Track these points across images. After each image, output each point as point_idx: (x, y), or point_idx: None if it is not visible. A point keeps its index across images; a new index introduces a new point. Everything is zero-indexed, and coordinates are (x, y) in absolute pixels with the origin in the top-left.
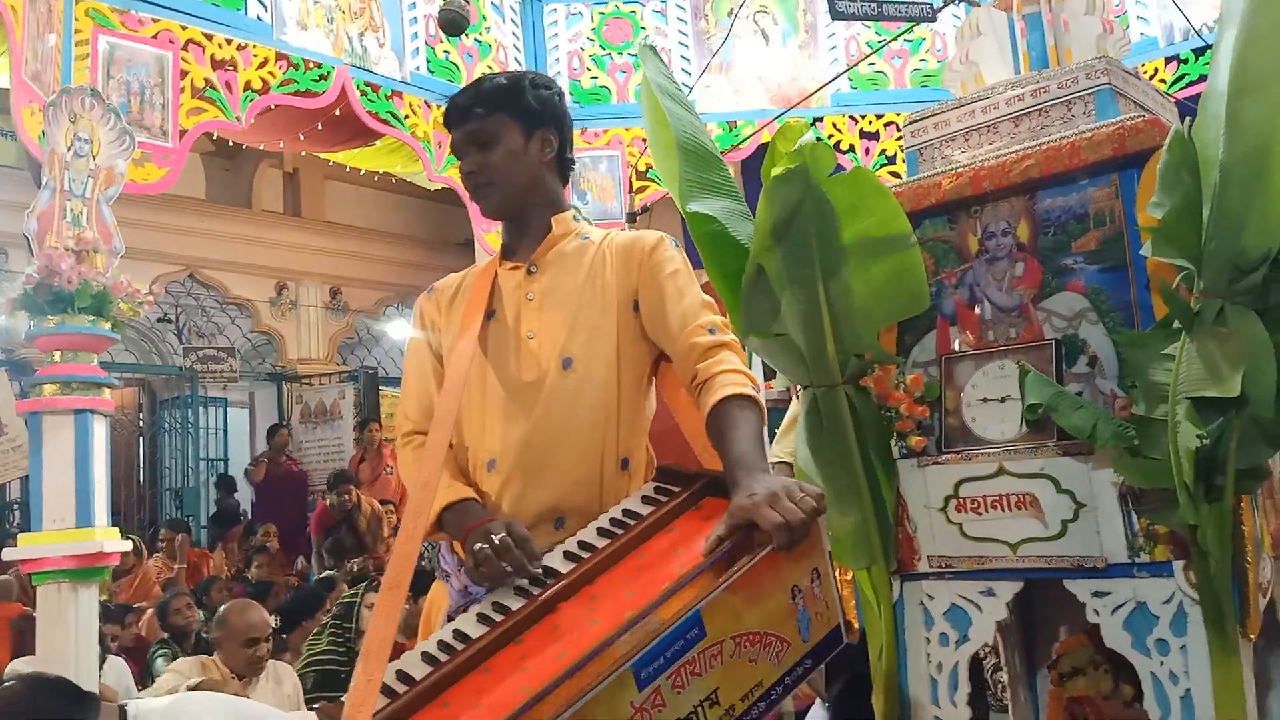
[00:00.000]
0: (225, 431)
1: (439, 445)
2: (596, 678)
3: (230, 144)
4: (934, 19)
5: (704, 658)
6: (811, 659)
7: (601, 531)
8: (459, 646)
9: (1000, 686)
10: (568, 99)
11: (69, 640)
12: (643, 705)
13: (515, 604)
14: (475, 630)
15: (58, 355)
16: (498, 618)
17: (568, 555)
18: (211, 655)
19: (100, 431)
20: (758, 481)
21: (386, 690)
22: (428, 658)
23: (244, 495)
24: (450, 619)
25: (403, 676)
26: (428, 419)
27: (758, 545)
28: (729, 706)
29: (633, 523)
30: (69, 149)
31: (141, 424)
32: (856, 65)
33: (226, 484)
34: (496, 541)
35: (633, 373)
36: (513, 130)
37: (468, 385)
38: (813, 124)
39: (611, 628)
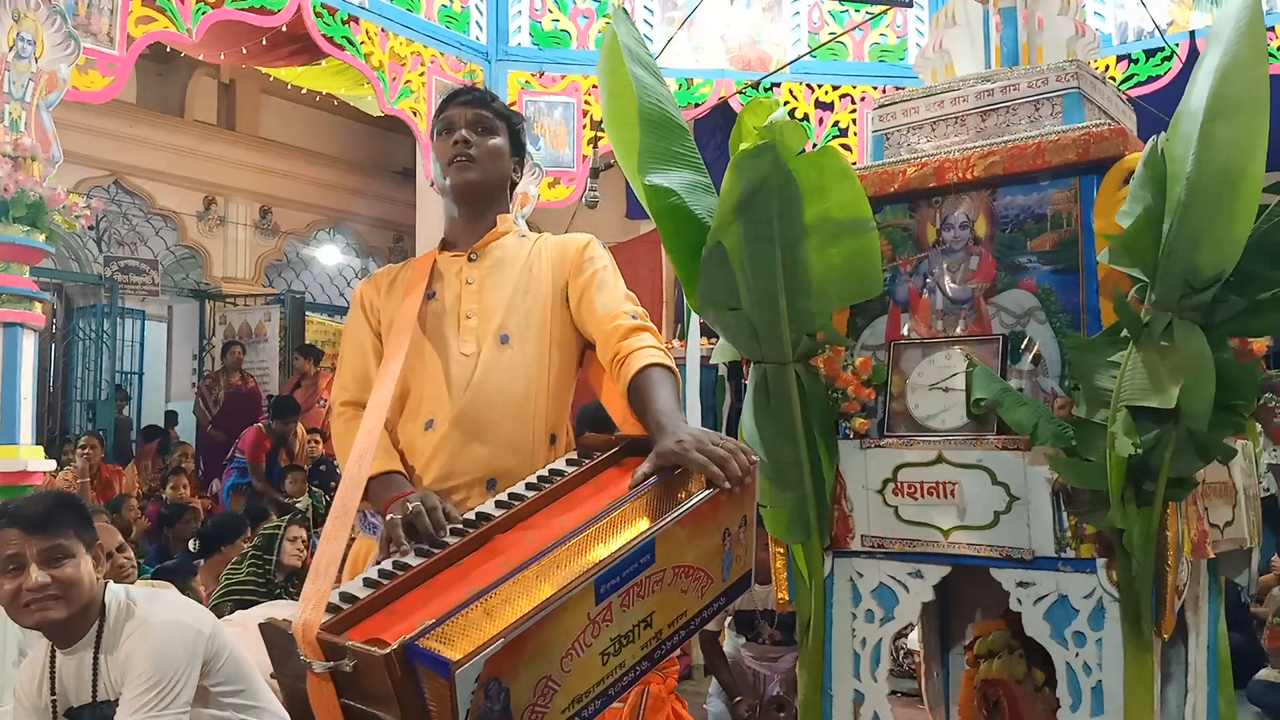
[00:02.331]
0: (141, 345)
1: (380, 404)
2: (564, 585)
3: (166, 49)
4: (910, 4)
5: (649, 582)
6: (725, 597)
7: (530, 486)
8: (399, 574)
9: (901, 651)
10: (526, 39)
11: None
12: (596, 618)
13: (452, 541)
14: (415, 562)
15: None
16: (435, 551)
17: (499, 504)
18: None
19: (29, 347)
20: (681, 430)
21: (332, 608)
22: (370, 582)
23: (183, 412)
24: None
25: (346, 597)
26: (363, 390)
27: (706, 488)
28: (658, 630)
29: (559, 479)
30: (10, 49)
31: (55, 331)
32: (831, 42)
33: (122, 396)
34: (410, 509)
35: (562, 356)
36: (506, 138)
37: (408, 357)
38: (769, 90)
39: (549, 541)
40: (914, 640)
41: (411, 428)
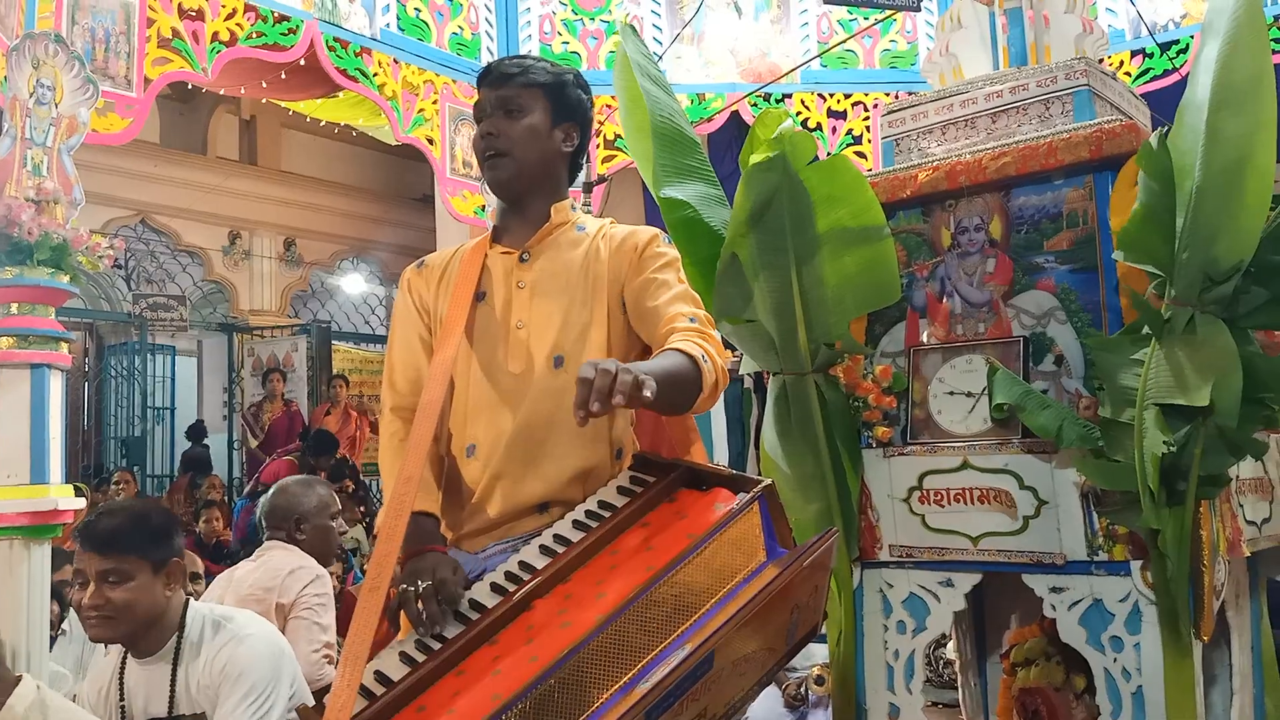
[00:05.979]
0: (173, 380)
1: (424, 437)
2: None
3: (188, 87)
4: (919, 8)
5: (703, 688)
6: (787, 656)
7: (577, 524)
8: (435, 646)
9: (941, 662)
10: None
11: (20, 597)
12: None
13: (491, 602)
14: (451, 630)
15: (14, 307)
16: (473, 616)
17: (544, 549)
18: None
19: (56, 387)
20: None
21: (365, 692)
22: (406, 658)
23: (215, 444)
24: None
25: (381, 678)
26: (414, 393)
27: (774, 579)
28: (712, 716)
29: (608, 514)
30: (31, 96)
31: (88, 370)
32: (837, 47)
33: (197, 432)
34: (419, 589)
35: None
36: (543, 110)
37: (452, 371)
38: (780, 100)
39: (581, 632)
40: (951, 650)
41: (454, 453)
